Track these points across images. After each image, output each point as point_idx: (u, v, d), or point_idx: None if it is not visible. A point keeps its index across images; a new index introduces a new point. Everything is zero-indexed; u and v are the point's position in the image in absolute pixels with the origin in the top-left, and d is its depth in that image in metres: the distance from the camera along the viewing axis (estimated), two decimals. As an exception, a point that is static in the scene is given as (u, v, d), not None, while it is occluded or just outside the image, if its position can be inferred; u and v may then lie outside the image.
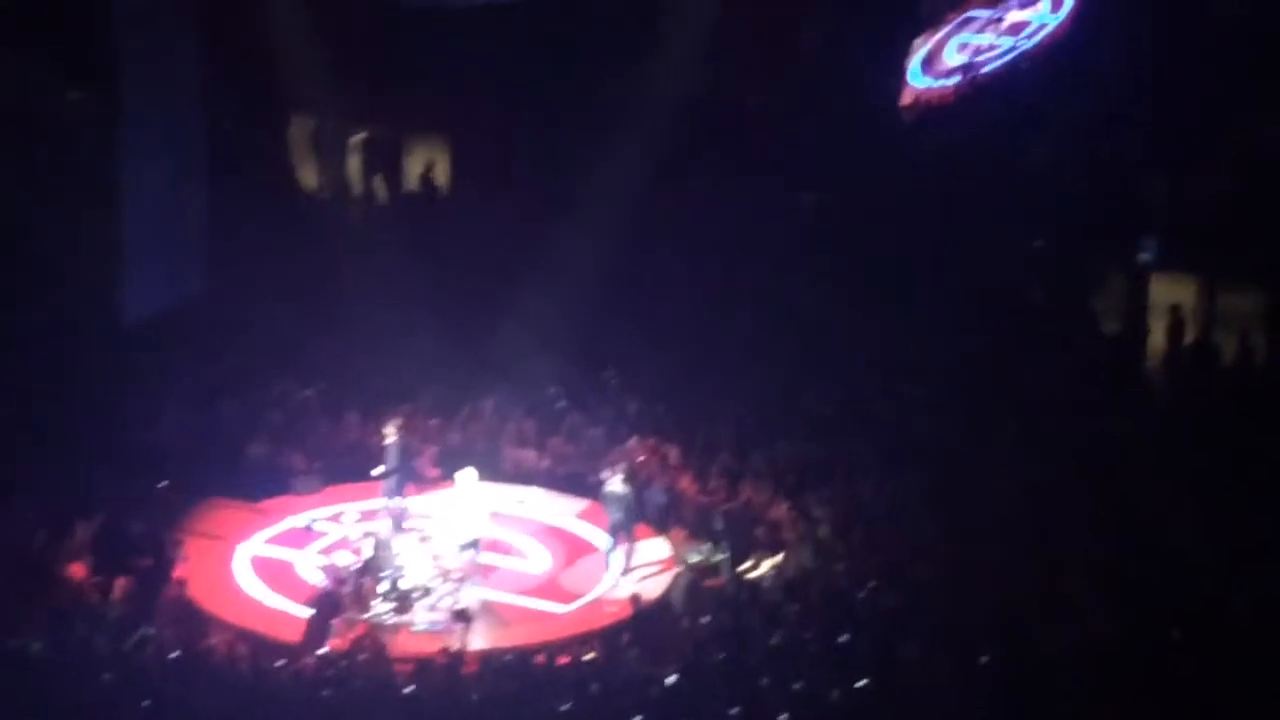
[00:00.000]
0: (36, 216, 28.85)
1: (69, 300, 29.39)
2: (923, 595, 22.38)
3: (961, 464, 26.56)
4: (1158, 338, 31.67)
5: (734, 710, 18.83)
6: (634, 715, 18.62)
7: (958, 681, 19.61)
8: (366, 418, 28.36)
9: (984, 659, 19.88)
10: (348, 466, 27.85)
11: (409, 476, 26.87)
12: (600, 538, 26.18)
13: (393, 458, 26.58)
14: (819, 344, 30.40)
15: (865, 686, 19.39)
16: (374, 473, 26.84)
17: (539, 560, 25.81)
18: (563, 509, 27.41)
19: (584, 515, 27.12)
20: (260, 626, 23.11)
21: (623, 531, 25.83)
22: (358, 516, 25.63)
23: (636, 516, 26.17)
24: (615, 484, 25.93)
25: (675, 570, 25.32)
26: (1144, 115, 30.92)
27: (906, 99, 31.86)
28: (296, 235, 33.35)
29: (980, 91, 31.71)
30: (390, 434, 26.64)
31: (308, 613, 23.15)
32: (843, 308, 30.60)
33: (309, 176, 36.22)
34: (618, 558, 25.52)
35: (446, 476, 26.56)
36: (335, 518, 26.36)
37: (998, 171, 31.78)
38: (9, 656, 19.80)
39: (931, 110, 31.80)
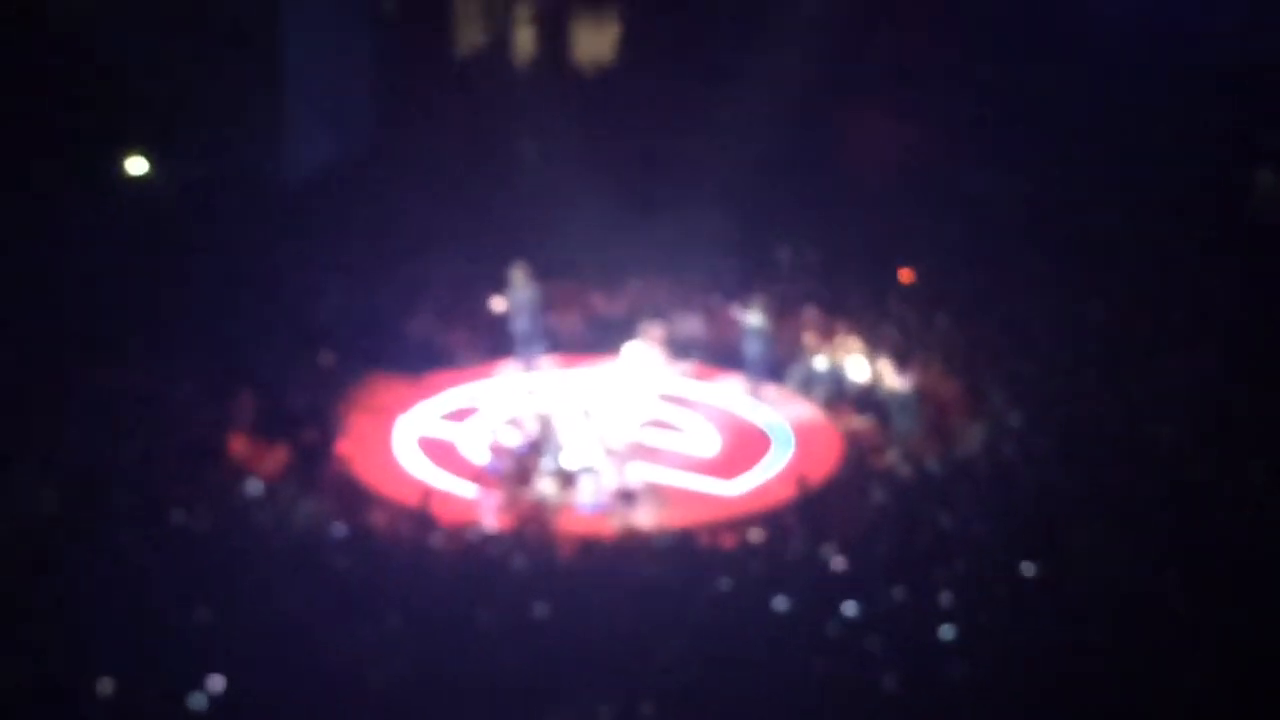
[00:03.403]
0: (199, 75, 28.90)
1: (231, 158, 29.46)
2: (1097, 479, 21.75)
3: (1139, 345, 26.00)
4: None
5: (897, 594, 18.37)
6: (798, 598, 18.21)
7: (1131, 569, 19.00)
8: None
9: (1159, 549, 19.25)
10: (512, 341, 27.67)
11: (541, 337, 26.81)
12: (768, 418, 25.88)
13: (523, 313, 26.53)
14: (990, 218, 29.94)
15: (1033, 574, 18.83)
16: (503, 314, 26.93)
17: (705, 439, 25.47)
18: (730, 386, 27.07)
19: (751, 393, 26.80)
20: (423, 504, 22.93)
21: (757, 373, 26.23)
22: (523, 393, 25.49)
23: (771, 361, 26.62)
24: (754, 317, 26.16)
25: (841, 449, 24.93)
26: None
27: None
28: (463, 104, 33.15)
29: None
30: (519, 283, 26.53)
31: (471, 491, 23.03)
32: (1012, 183, 30.07)
33: (477, 43, 35.86)
34: (774, 425, 25.32)
35: (608, 348, 26.45)
36: (499, 394, 26.23)
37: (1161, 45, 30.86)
38: (172, 531, 19.76)
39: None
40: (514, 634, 17.33)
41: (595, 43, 35.49)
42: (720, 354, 27.87)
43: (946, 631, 17.30)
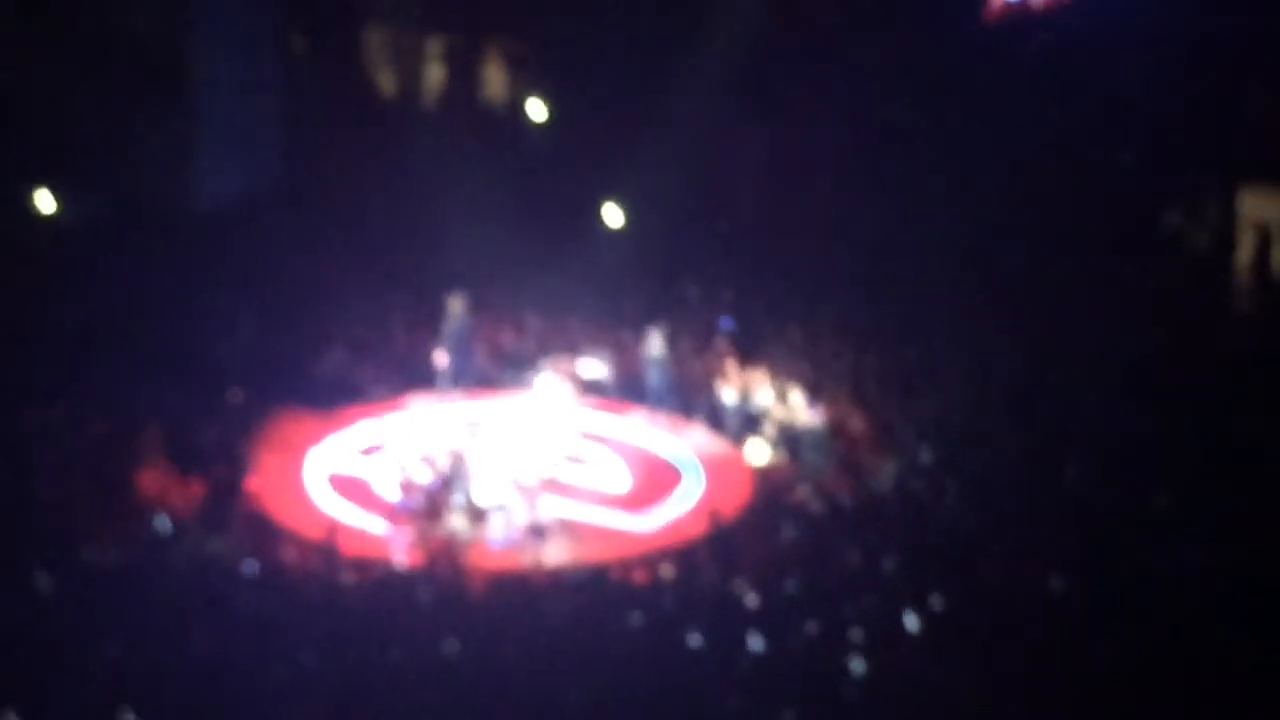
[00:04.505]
0: (108, 110, 28.83)
1: (140, 192, 29.38)
2: (1005, 516, 21.90)
3: (1047, 380, 26.24)
4: (1245, 254, 31.01)
5: (809, 629, 18.45)
6: (710, 633, 18.26)
7: (1037, 607, 19.15)
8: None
9: (1066, 583, 19.41)
10: (423, 376, 27.62)
11: (470, 366, 26.94)
12: (679, 452, 25.95)
13: (454, 337, 26.60)
14: (899, 255, 30.16)
15: (941, 609, 18.94)
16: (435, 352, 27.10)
17: (616, 474, 25.48)
18: (640, 420, 27.12)
19: (657, 424, 26.90)
20: (332, 540, 22.79)
21: (659, 403, 26.47)
22: (434, 428, 25.46)
23: (673, 391, 26.83)
24: (654, 346, 26.41)
25: (752, 484, 25.00)
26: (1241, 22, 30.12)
27: (995, 5, 31.45)
28: (375, 139, 33.14)
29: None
30: (456, 313, 26.61)
31: (382, 527, 23.01)
32: (924, 218, 30.27)
33: (388, 80, 35.86)
34: (685, 460, 25.46)
35: (519, 381, 26.53)
36: (410, 429, 26.17)
37: (1089, 79, 31.10)
38: (80, 567, 19.64)
39: (1021, 17, 31.28)
40: (425, 670, 17.32)
41: (504, 78, 35.57)
42: (630, 389, 27.90)
43: (858, 666, 17.39)
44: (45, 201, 29.34)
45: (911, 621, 18.48)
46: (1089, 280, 29.31)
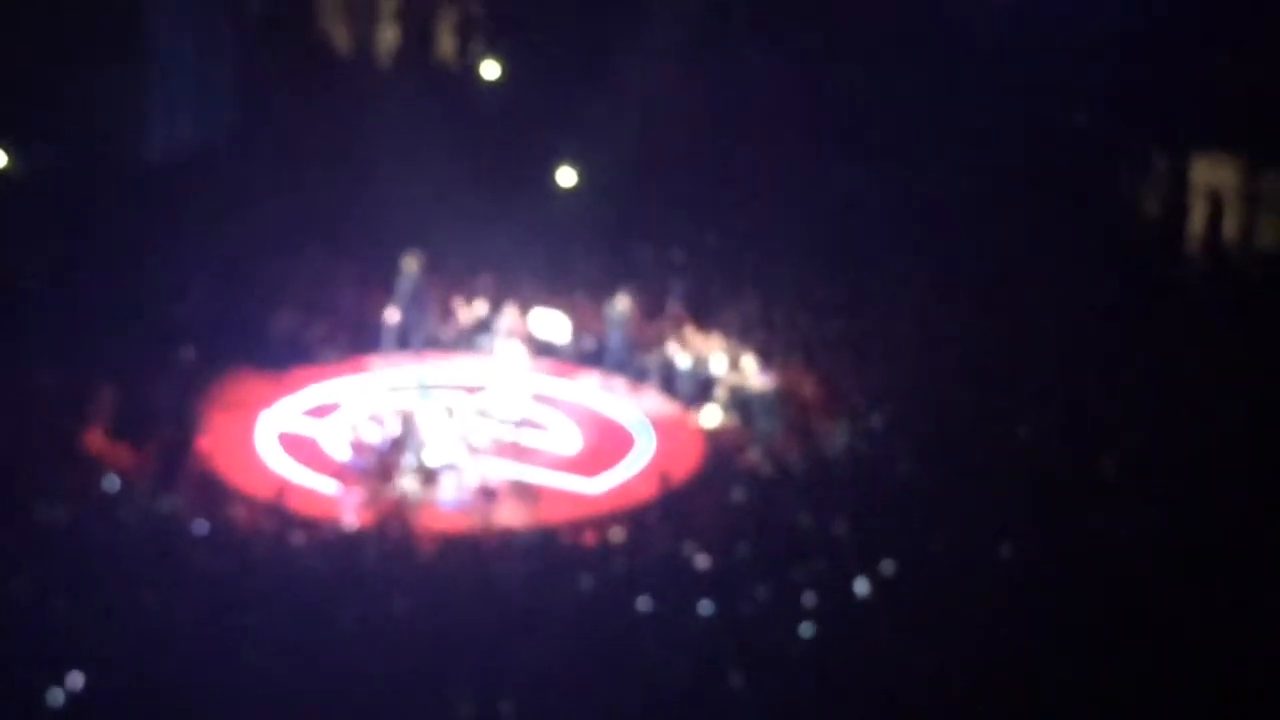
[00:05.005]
0: (60, 62, 28.66)
1: (91, 148, 29.21)
2: (956, 479, 21.97)
3: (997, 345, 26.32)
4: (1197, 221, 31.11)
5: (759, 592, 18.51)
6: (659, 596, 18.30)
7: (987, 569, 19.23)
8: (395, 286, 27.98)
9: (1015, 546, 19.49)
10: (375, 336, 27.57)
11: (424, 326, 26.92)
12: (631, 415, 25.97)
13: (406, 296, 26.52)
14: (853, 222, 30.17)
15: (892, 572, 19.01)
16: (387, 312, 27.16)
17: (567, 437, 25.49)
18: (593, 382, 27.13)
19: (613, 387, 26.92)
20: (283, 500, 22.75)
21: (618, 365, 26.54)
22: (385, 389, 25.44)
23: (633, 354, 26.97)
24: (618, 307, 26.71)
25: (703, 447, 25.04)
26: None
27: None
28: (328, 96, 32.97)
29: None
30: (410, 273, 26.53)
31: (332, 487, 22.98)
32: (878, 184, 30.27)
33: (342, 36, 35.65)
34: (637, 422, 25.51)
35: (472, 342, 26.50)
36: (363, 389, 26.14)
37: (1040, 42, 31.13)
38: (30, 528, 19.57)
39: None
40: (373, 630, 17.32)
41: (459, 36, 35.39)
42: (584, 351, 27.90)
43: (805, 630, 17.45)
44: (-5, 157, 29.21)
45: (861, 585, 18.53)
46: (1041, 244, 29.37)
